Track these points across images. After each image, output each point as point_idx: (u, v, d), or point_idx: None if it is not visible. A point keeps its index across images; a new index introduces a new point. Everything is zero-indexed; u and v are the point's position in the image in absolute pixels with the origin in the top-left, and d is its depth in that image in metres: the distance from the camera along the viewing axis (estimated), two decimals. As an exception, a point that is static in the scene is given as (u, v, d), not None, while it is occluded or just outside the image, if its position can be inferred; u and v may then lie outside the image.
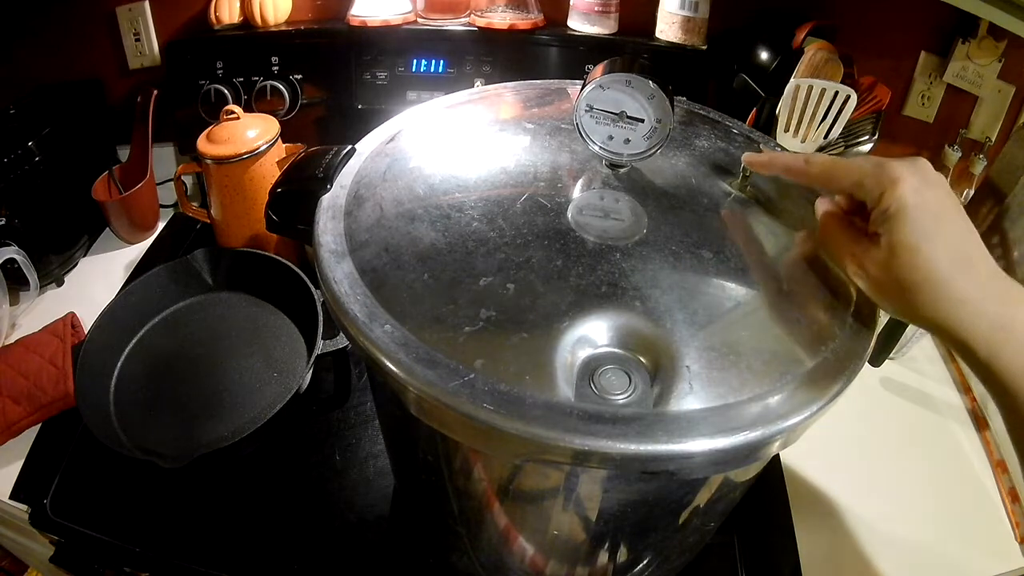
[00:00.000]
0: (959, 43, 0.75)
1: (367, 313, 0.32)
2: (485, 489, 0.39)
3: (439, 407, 0.29)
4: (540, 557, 0.44)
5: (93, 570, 0.58)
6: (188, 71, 0.84)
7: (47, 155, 0.78)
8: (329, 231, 0.37)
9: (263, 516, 0.58)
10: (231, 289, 0.73)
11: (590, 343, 0.32)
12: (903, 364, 0.72)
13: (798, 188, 0.43)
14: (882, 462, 0.63)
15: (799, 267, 0.37)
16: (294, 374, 0.64)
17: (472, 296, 0.33)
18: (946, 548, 0.56)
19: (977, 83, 0.77)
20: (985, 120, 0.80)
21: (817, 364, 0.32)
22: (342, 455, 0.62)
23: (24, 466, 0.60)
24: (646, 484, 0.34)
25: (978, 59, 0.76)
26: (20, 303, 0.76)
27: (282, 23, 0.85)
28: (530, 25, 0.81)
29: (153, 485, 0.58)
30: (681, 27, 0.78)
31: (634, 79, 0.37)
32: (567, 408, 0.29)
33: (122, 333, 0.67)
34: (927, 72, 0.80)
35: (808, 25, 0.74)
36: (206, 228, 0.83)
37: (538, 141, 0.44)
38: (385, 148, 0.44)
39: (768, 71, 0.75)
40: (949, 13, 0.63)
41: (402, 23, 0.82)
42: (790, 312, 0.35)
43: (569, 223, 0.37)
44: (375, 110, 0.85)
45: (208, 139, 0.72)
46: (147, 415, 0.61)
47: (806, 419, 0.30)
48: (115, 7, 0.85)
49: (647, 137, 0.39)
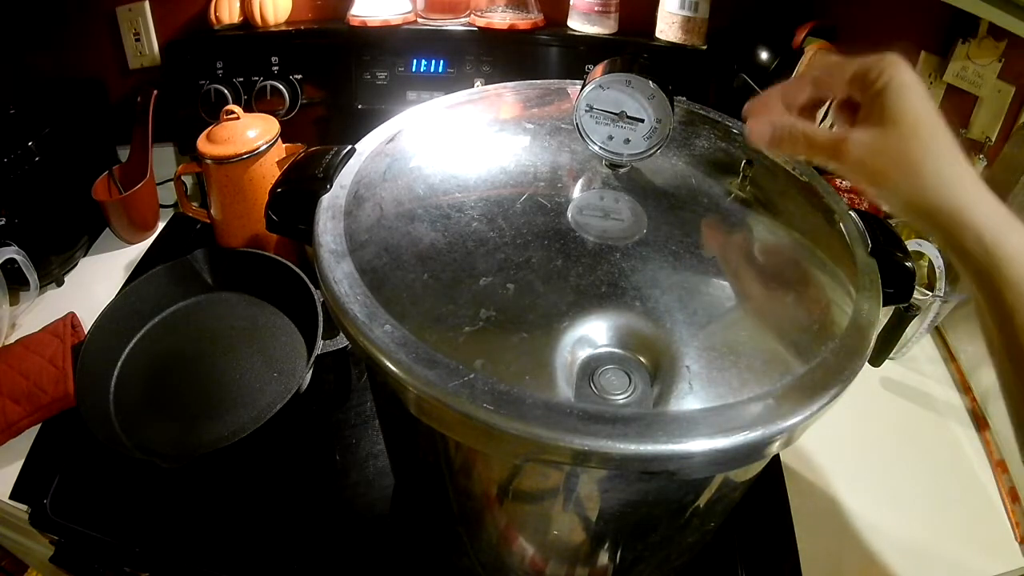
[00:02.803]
0: (959, 43, 0.75)
1: (367, 313, 0.32)
2: (485, 489, 0.39)
3: (439, 407, 0.29)
4: (540, 557, 0.44)
5: (93, 570, 0.58)
6: (188, 71, 0.84)
7: (47, 155, 0.78)
8: (329, 231, 0.37)
9: (263, 516, 0.58)
10: (231, 289, 0.73)
11: (590, 343, 0.32)
12: (903, 364, 0.72)
13: (798, 189, 0.43)
14: (882, 462, 0.63)
15: (799, 267, 0.37)
16: (294, 374, 0.64)
17: (472, 296, 0.33)
18: (946, 548, 0.56)
19: (977, 83, 0.77)
20: (985, 120, 0.80)
21: (817, 364, 0.32)
22: (342, 455, 0.62)
23: (24, 466, 0.60)
24: (646, 484, 0.34)
25: (978, 59, 0.76)
26: (20, 303, 0.76)
27: (282, 23, 0.85)
28: (530, 25, 0.81)
29: (153, 485, 0.58)
30: (681, 27, 0.78)
31: (634, 79, 0.37)
32: (567, 408, 0.29)
33: (122, 333, 0.67)
34: (927, 72, 0.79)
35: (808, 25, 0.74)
36: (206, 228, 0.83)
37: (538, 141, 0.44)
38: (385, 148, 0.44)
39: (768, 71, 0.75)
40: (949, 13, 0.63)
41: (402, 23, 0.82)
42: (790, 312, 0.35)
43: (569, 223, 0.37)
44: (375, 110, 0.85)
45: (208, 139, 0.72)
46: (147, 415, 0.61)
47: (806, 419, 0.30)
48: (115, 7, 0.85)
49: (647, 137, 0.39)
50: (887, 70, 0.31)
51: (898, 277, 0.39)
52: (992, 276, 0.29)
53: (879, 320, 0.35)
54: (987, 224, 0.29)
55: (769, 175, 0.42)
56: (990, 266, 0.29)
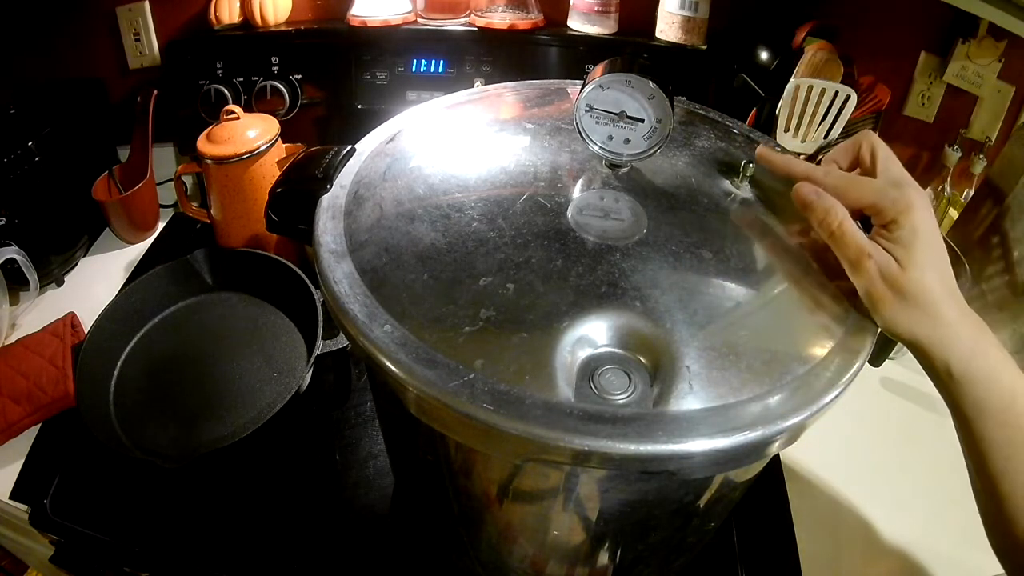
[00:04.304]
0: (959, 43, 0.75)
1: (367, 313, 0.32)
2: (485, 489, 0.39)
3: (439, 407, 0.29)
4: (540, 557, 0.44)
5: (93, 570, 0.58)
6: (188, 71, 0.84)
7: (47, 155, 0.78)
8: (329, 231, 0.37)
9: (263, 516, 0.58)
10: (231, 289, 0.73)
11: (590, 343, 0.32)
12: (903, 364, 0.72)
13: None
14: (882, 462, 0.63)
15: (799, 267, 0.37)
16: (294, 374, 0.64)
17: (472, 296, 0.33)
18: (946, 548, 0.56)
19: (977, 83, 0.77)
20: (985, 120, 0.80)
21: (817, 364, 0.32)
22: (342, 455, 0.62)
23: (24, 466, 0.60)
24: (646, 484, 0.34)
25: (978, 59, 0.76)
26: (20, 303, 0.76)
27: (282, 23, 0.85)
28: (530, 25, 0.81)
29: (153, 485, 0.58)
30: (681, 27, 0.78)
31: (634, 79, 0.37)
32: (567, 408, 0.29)
33: (122, 333, 0.67)
34: (927, 72, 0.79)
35: (808, 25, 0.74)
36: (206, 228, 0.83)
37: (538, 141, 0.44)
38: (385, 148, 0.44)
39: (768, 71, 0.75)
40: (949, 13, 0.63)
41: (402, 23, 0.82)
42: (790, 312, 0.35)
43: (569, 223, 0.37)
44: (375, 110, 0.86)
45: (208, 139, 0.72)
46: (147, 415, 0.61)
47: (806, 419, 0.30)
48: (115, 7, 0.85)
49: (647, 137, 0.39)
50: (903, 218, 0.33)
51: (898, 277, 0.39)
52: (959, 397, 0.34)
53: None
54: (958, 359, 0.33)
55: (769, 175, 0.42)
56: (958, 391, 0.34)
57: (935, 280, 0.33)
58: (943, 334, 0.33)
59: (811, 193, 0.36)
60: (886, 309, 0.34)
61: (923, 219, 0.33)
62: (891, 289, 0.33)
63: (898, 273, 0.33)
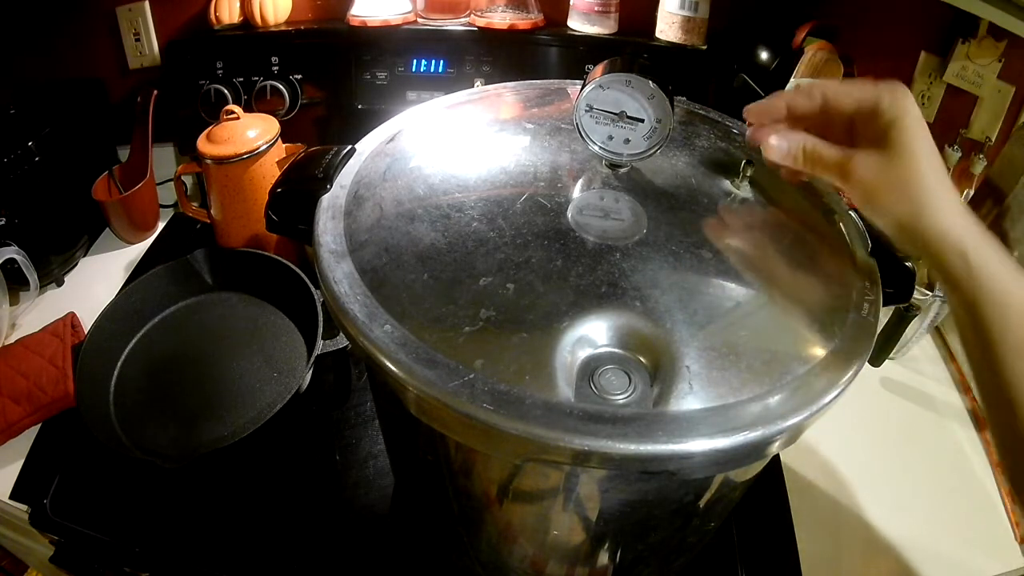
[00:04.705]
0: (959, 43, 0.75)
1: (367, 313, 0.32)
2: (485, 489, 0.39)
3: (439, 407, 0.29)
4: (540, 557, 0.44)
5: (93, 570, 0.58)
6: (188, 71, 0.84)
7: (47, 155, 0.78)
8: (329, 231, 0.37)
9: (263, 516, 0.58)
10: (231, 289, 0.73)
11: (590, 343, 0.32)
12: (903, 364, 0.72)
13: (798, 189, 0.43)
14: (882, 462, 0.63)
15: (799, 267, 0.37)
16: (294, 374, 0.64)
17: (472, 296, 0.33)
18: (946, 548, 0.56)
19: (977, 83, 0.77)
20: (985, 120, 0.80)
21: (817, 364, 0.32)
22: (342, 455, 0.62)
23: (24, 466, 0.60)
24: (646, 484, 0.34)
25: (978, 59, 0.76)
26: (20, 303, 0.76)
27: (282, 23, 0.85)
28: (530, 25, 0.81)
29: (153, 485, 0.58)
30: (681, 27, 0.78)
31: (634, 79, 0.37)
32: (567, 408, 0.29)
33: (122, 333, 0.67)
34: (927, 72, 0.79)
35: (808, 25, 0.74)
36: (206, 228, 0.83)
37: (538, 141, 0.44)
38: (385, 148, 0.44)
39: (768, 71, 0.75)
40: (949, 13, 0.63)
41: (402, 23, 0.82)
42: (790, 312, 0.35)
43: (569, 223, 0.37)
44: (375, 110, 0.85)
45: (208, 139, 0.72)
46: (147, 415, 0.61)
47: (806, 419, 0.30)
48: (115, 7, 0.85)
49: (647, 137, 0.39)
50: (899, 103, 0.33)
51: (898, 277, 0.39)
52: (972, 291, 0.32)
53: (879, 320, 0.35)
54: (972, 248, 0.32)
55: (769, 175, 0.42)
56: (971, 283, 0.32)
57: (934, 166, 0.32)
58: (954, 222, 0.32)
59: (779, 145, 0.35)
60: (885, 203, 0.33)
61: (914, 103, 0.33)
62: (886, 181, 0.33)
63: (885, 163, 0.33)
